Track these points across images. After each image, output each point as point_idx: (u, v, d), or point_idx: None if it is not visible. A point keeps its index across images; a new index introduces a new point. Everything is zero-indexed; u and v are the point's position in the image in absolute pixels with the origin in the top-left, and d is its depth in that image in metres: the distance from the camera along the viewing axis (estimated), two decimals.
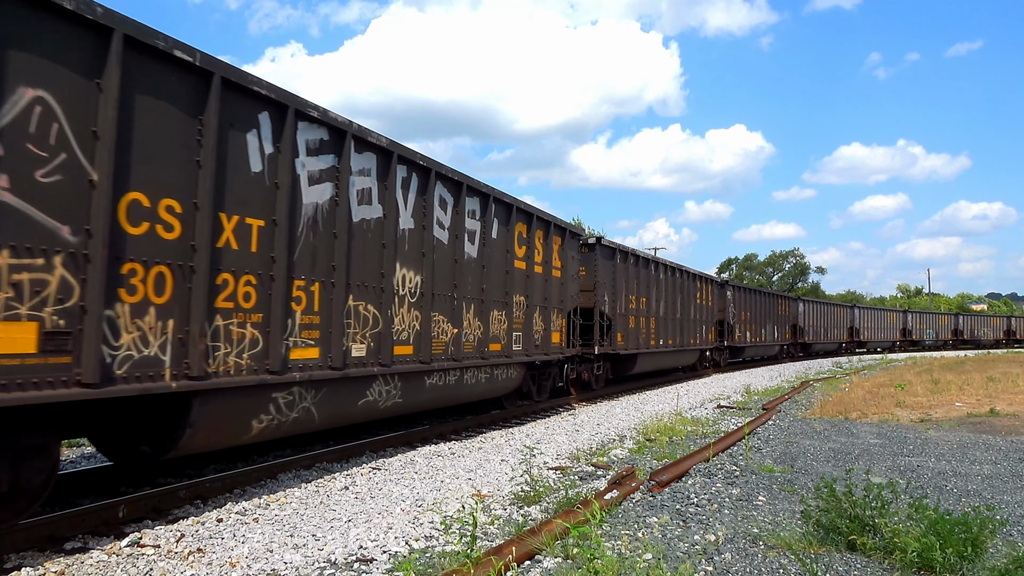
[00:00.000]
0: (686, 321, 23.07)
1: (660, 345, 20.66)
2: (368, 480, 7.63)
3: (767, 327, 33.77)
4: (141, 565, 4.87)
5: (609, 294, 17.19)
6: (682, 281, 22.84)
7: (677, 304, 22.42)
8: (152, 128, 5.51)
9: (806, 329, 40.34)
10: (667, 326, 21.31)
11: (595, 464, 8.62)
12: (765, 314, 33.47)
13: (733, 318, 28.52)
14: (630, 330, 18.32)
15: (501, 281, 11.41)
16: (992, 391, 18.63)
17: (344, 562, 5.00)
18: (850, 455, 9.31)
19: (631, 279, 18.69)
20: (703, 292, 25.18)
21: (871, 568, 4.83)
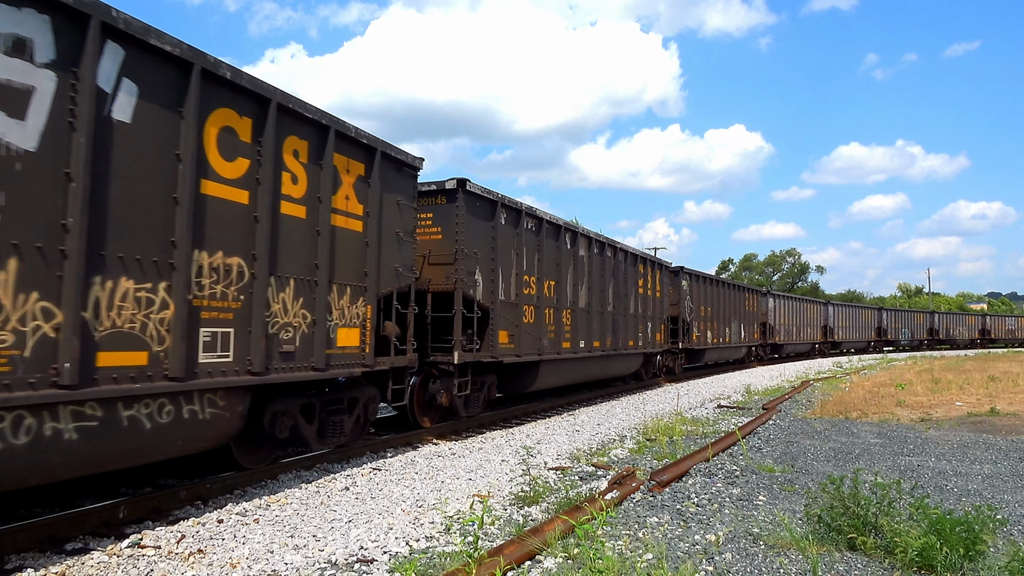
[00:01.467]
0: (623, 316, 17.45)
1: (581, 348, 14.74)
2: (368, 481, 7.63)
3: (732, 326, 29.04)
4: (142, 566, 4.87)
5: (485, 272, 11.34)
6: (617, 263, 17.13)
7: (609, 293, 16.58)
8: None
9: (777, 328, 36.06)
10: (592, 322, 15.39)
11: (595, 464, 8.62)
12: (730, 310, 28.82)
13: (691, 314, 23.71)
14: (523, 327, 12.30)
15: None
16: (992, 390, 18.63)
17: (345, 563, 5.00)
18: (850, 455, 9.31)
19: (527, 252, 12.63)
20: (649, 279, 19.88)
21: (871, 568, 4.83)
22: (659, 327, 20.73)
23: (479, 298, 11.11)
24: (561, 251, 13.99)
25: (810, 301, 43.96)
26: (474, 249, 11.02)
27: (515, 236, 12.28)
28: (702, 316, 25.11)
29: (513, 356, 11.99)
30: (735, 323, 29.61)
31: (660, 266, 21.32)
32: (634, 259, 18.68)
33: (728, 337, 28.49)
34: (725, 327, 28.03)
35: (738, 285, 31.41)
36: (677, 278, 23.45)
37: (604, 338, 16.15)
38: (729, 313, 28.68)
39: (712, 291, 26.62)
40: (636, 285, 18.63)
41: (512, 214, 12.27)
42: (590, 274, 15.41)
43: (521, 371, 12.86)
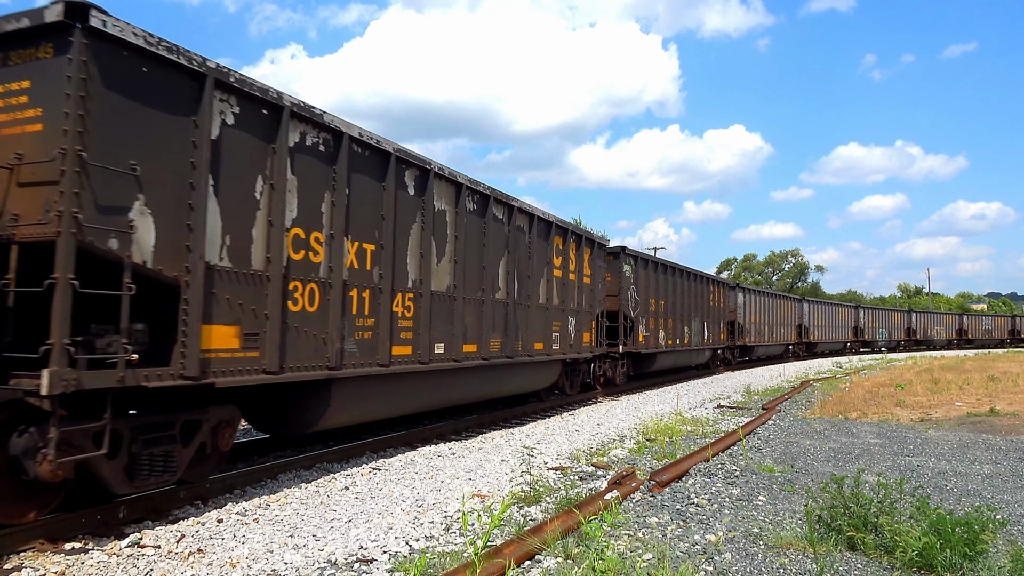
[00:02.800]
0: (525, 308, 12.22)
1: (436, 356, 9.64)
2: (368, 480, 7.63)
3: (692, 324, 23.68)
4: (141, 565, 4.87)
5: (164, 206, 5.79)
6: (515, 231, 11.91)
7: (497, 273, 11.41)
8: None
9: (747, 327, 31.23)
10: (461, 315, 10.23)
11: (595, 464, 8.62)
12: (689, 304, 23.27)
13: (635, 308, 18.73)
14: (292, 319, 7.00)
15: None
16: (992, 391, 18.64)
17: (344, 562, 5.00)
18: (850, 455, 9.31)
19: (307, 187, 7.19)
20: (572, 259, 14.43)
21: (871, 568, 4.83)
22: (588, 325, 15.14)
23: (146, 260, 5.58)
24: (393, 197, 8.57)
25: (784, 297, 39.34)
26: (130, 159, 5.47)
27: (263, 152, 6.70)
28: (652, 311, 19.93)
29: (253, 372, 6.60)
30: (696, 321, 24.09)
31: (591, 243, 15.46)
32: (546, 228, 12.94)
33: (687, 338, 22.96)
34: (683, 326, 22.53)
35: (700, 274, 25.12)
36: (617, 261, 18.04)
37: (485, 339, 10.73)
38: (688, 308, 23.17)
39: (665, 280, 21.15)
40: (549, 265, 13.21)
41: (254, 108, 6.61)
42: (458, 241, 10.14)
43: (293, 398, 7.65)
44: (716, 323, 26.99)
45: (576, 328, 14.62)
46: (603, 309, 16.51)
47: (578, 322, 14.73)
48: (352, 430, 9.81)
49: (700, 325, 24.77)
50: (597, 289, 16.04)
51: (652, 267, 20.48)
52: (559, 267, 13.85)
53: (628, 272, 18.59)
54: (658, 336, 20.56)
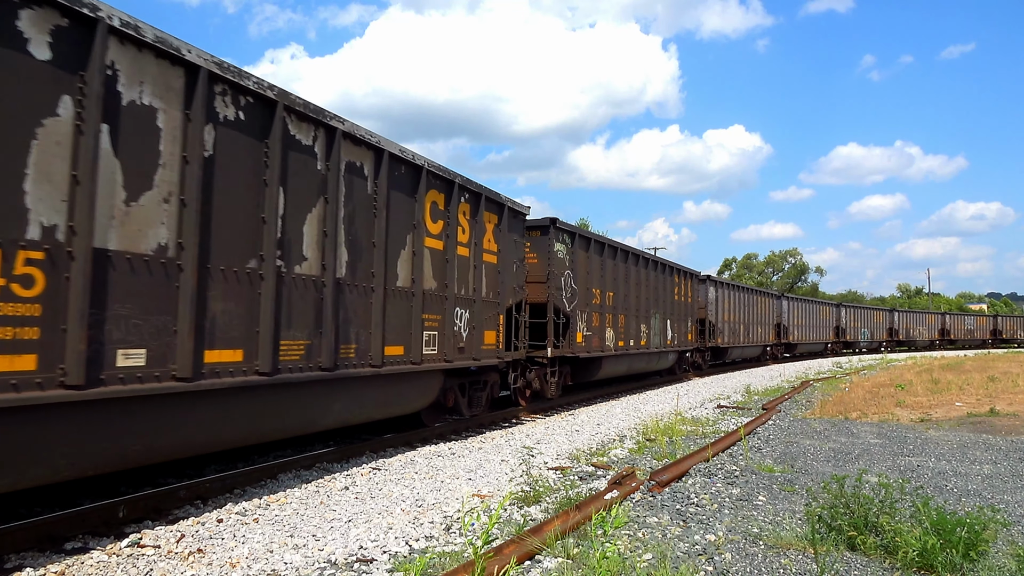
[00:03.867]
0: (361, 291, 8.33)
1: None
2: (368, 480, 7.63)
3: (652, 322, 19.75)
4: (141, 565, 4.87)
5: None
6: (374, 183, 8.47)
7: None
8: None
9: (720, 327, 27.05)
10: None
11: (595, 464, 8.62)
12: (646, 299, 19.26)
13: (571, 301, 14.50)
14: None
15: None
16: (992, 391, 18.64)
17: (344, 562, 5.00)
18: (850, 455, 9.31)
19: None
20: (472, 226, 10.83)
21: (871, 568, 4.83)
22: (494, 321, 11.41)
23: None
24: None
25: (761, 293, 34.70)
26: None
27: None
28: (596, 305, 15.90)
29: None
30: (657, 318, 20.31)
31: (499, 207, 11.56)
32: (411, 176, 9.20)
33: (644, 338, 19.09)
34: (639, 324, 18.71)
35: (662, 263, 21.03)
36: (545, 238, 13.79)
37: (266, 340, 6.68)
38: (646, 302, 19.28)
39: (615, 267, 17.07)
40: (418, 230, 9.31)
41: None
42: (189, 167, 5.50)
43: None
44: (682, 321, 22.98)
45: (470, 324, 10.48)
46: (521, 300, 12.51)
47: (474, 316, 10.57)
48: (352, 430, 9.81)
49: (662, 323, 20.76)
50: (509, 272, 11.80)
51: (597, 249, 16.00)
52: (437, 235, 9.63)
53: (561, 253, 14.12)
54: (604, 336, 16.21)
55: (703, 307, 26.07)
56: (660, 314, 20.69)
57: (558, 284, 14.10)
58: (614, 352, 16.97)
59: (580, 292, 15.03)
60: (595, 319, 15.89)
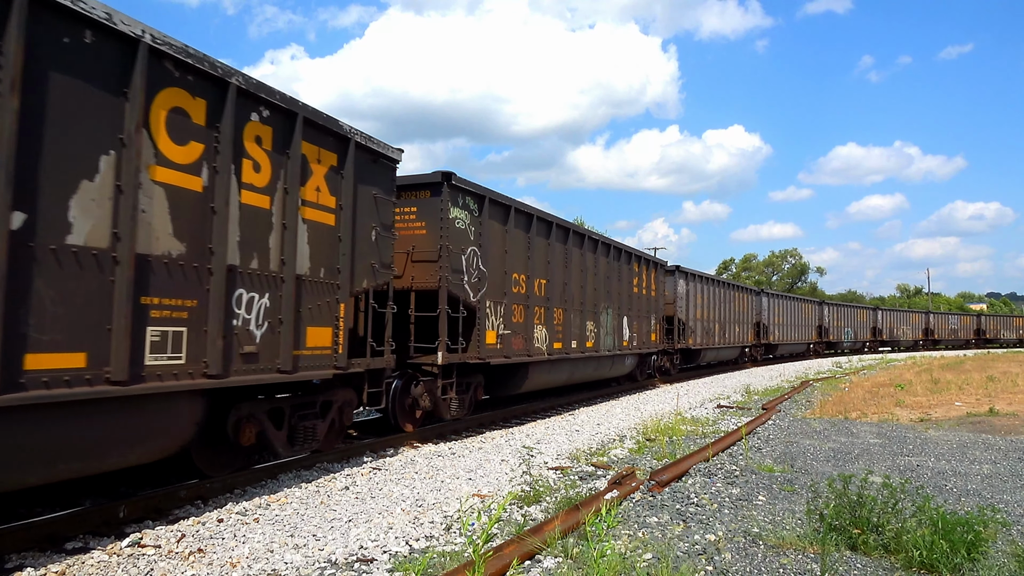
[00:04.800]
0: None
1: None
2: (368, 480, 7.64)
3: (605, 318, 16.26)
4: (142, 565, 4.88)
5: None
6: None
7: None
8: None
9: (691, 325, 23.65)
10: None
11: (595, 464, 8.62)
12: (596, 291, 15.82)
13: (478, 290, 11.03)
14: None
15: None
16: (991, 391, 18.65)
17: (345, 562, 5.00)
18: (850, 455, 9.32)
19: None
20: (320, 191, 7.78)
21: (872, 568, 4.84)
22: (328, 317, 7.93)
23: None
24: None
25: (739, 288, 30.96)
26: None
27: None
28: (519, 296, 12.31)
29: None
30: (609, 314, 16.58)
31: (339, 143, 8.05)
32: (114, 49, 5.46)
33: (593, 338, 15.48)
34: (586, 320, 15.17)
35: (615, 245, 17.35)
36: (437, 200, 10.33)
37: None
38: (594, 294, 15.69)
39: (548, 248, 13.40)
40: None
41: None
42: None
43: None
44: (644, 319, 19.28)
45: (272, 316, 6.97)
46: (385, 283, 8.79)
47: (281, 304, 7.10)
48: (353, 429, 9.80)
49: (616, 321, 17.04)
50: (363, 241, 8.31)
51: (521, 221, 12.40)
52: (185, 167, 6.06)
53: (462, 223, 10.60)
54: (531, 336, 12.58)
55: (671, 303, 22.70)
56: (614, 309, 16.94)
57: (457, 265, 10.48)
58: (547, 356, 13.22)
59: (493, 277, 11.46)
60: (518, 313, 12.26)
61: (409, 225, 10.39)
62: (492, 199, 11.55)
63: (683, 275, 23.43)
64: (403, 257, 10.27)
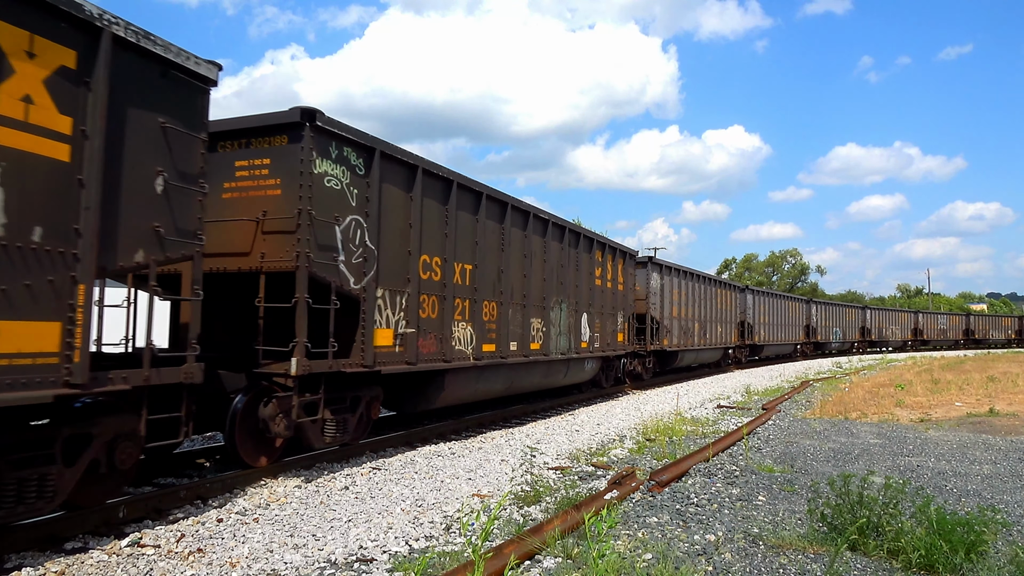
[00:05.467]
0: None
1: None
2: (368, 480, 7.63)
3: (551, 316, 13.27)
4: (141, 565, 4.87)
5: None
6: None
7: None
8: None
9: (667, 325, 21.24)
10: None
11: (595, 464, 8.62)
12: (548, 283, 13.16)
13: (361, 272, 8.25)
14: None
15: None
16: (992, 391, 18.64)
17: (344, 562, 5.00)
18: (850, 455, 9.32)
19: None
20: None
21: (871, 568, 4.83)
22: (46, 306, 4.95)
23: None
24: None
25: (721, 284, 28.25)
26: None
27: None
28: (433, 283, 9.66)
29: None
30: (563, 311, 13.80)
31: (80, 28, 5.08)
32: None
33: (541, 338, 12.85)
34: (530, 317, 12.41)
35: (570, 228, 14.34)
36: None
37: None
38: (542, 285, 12.94)
39: (473, 224, 10.69)
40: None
41: None
42: None
43: None
44: (610, 316, 16.55)
45: None
46: (185, 255, 6.15)
47: None
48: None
49: (573, 318, 14.25)
50: (133, 192, 5.58)
51: (430, 188, 9.58)
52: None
53: (337, 181, 8.00)
54: (449, 336, 9.92)
55: (643, 298, 19.87)
56: (570, 305, 14.11)
57: (328, 239, 7.80)
58: (473, 362, 10.48)
59: (389, 258, 8.79)
60: (429, 307, 9.55)
61: (260, 183, 7.72)
62: (387, 154, 8.68)
63: (657, 267, 20.95)
64: (252, 227, 7.65)
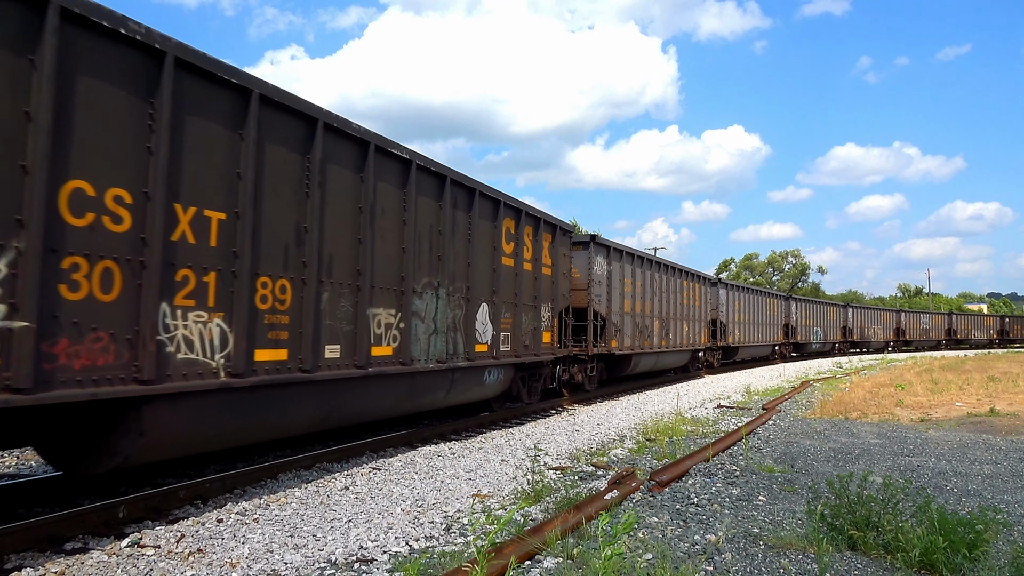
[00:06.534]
0: None
1: None
2: (368, 480, 7.63)
3: (418, 302, 9.07)
4: (141, 565, 4.87)
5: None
6: None
7: None
8: None
9: (616, 320, 16.98)
10: None
11: (595, 464, 8.62)
12: (407, 258, 8.88)
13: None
14: None
15: None
16: (992, 391, 18.64)
17: (344, 562, 5.00)
18: (850, 455, 9.31)
19: None
20: None
21: (872, 568, 4.83)
22: None
23: None
24: None
25: (688, 275, 23.63)
26: None
27: None
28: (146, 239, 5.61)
29: None
30: (441, 296, 9.72)
31: None
32: None
33: (400, 339, 8.78)
34: (367, 307, 8.16)
35: (460, 180, 10.22)
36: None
37: None
38: (401, 259, 8.86)
39: (281, 159, 6.93)
40: None
41: None
42: None
43: None
44: (529, 309, 12.40)
45: None
46: None
47: None
48: (353, 429, 9.80)
49: (460, 310, 10.20)
50: None
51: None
52: None
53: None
54: (144, 337, 5.53)
55: (583, 288, 15.71)
56: (455, 292, 10.09)
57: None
58: (225, 380, 6.26)
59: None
60: (96, 280, 5.26)
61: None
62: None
63: (603, 250, 16.71)
64: None
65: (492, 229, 11.30)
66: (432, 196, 9.64)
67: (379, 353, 8.44)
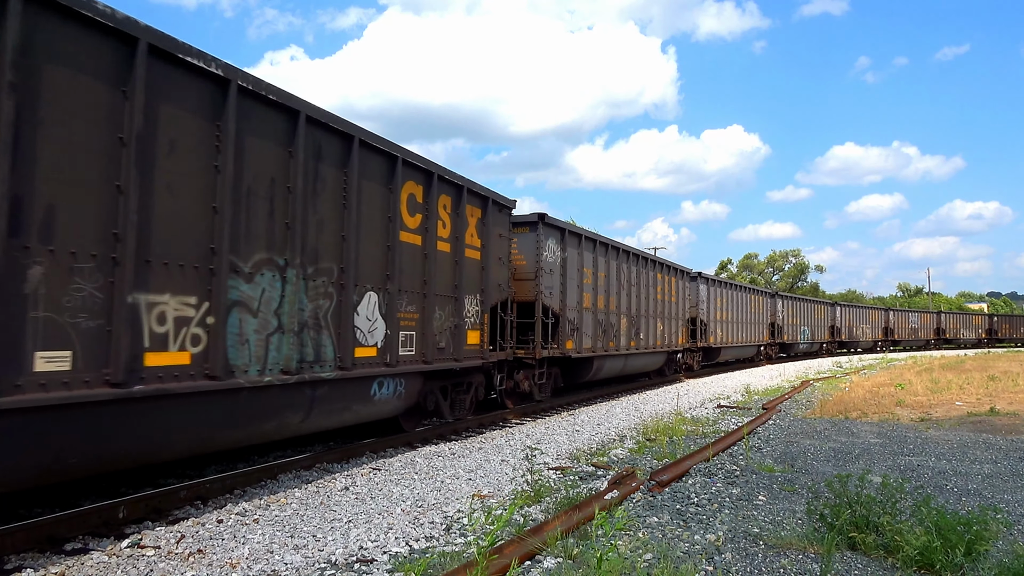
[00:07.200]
0: None
1: None
2: (368, 480, 7.63)
3: (250, 289, 6.41)
4: (141, 566, 4.87)
5: None
6: None
7: None
8: None
9: (571, 319, 14.47)
10: None
11: (595, 464, 8.62)
12: (240, 222, 6.34)
13: None
14: None
15: None
16: (992, 390, 18.63)
17: (344, 563, 5.00)
18: (850, 455, 9.31)
19: None
20: None
21: (872, 567, 4.83)
22: None
23: None
24: None
25: (663, 267, 21.20)
26: None
27: None
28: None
29: None
30: (291, 278, 6.93)
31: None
32: None
33: (209, 339, 6.03)
34: (146, 294, 5.51)
35: (337, 127, 7.60)
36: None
37: None
38: (217, 221, 6.10)
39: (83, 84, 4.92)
40: None
41: None
42: None
43: None
44: (448, 301, 10.06)
45: None
46: None
47: None
48: (354, 429, 9.80)
49: (321, 305, 7.48)
50: None
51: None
52: None
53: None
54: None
55: (529, 278, 13.29)
56: (314, 272, 7.42)
57: None
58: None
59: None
60: None
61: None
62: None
63: (555, 232, 13.99)
64: None
65: (386, 194, 8.61)
66: (274, 139, 6.83)
67: (161, 362, 5.63)
